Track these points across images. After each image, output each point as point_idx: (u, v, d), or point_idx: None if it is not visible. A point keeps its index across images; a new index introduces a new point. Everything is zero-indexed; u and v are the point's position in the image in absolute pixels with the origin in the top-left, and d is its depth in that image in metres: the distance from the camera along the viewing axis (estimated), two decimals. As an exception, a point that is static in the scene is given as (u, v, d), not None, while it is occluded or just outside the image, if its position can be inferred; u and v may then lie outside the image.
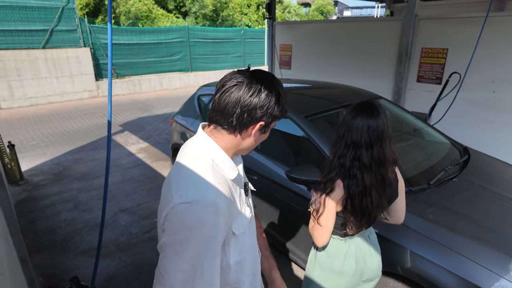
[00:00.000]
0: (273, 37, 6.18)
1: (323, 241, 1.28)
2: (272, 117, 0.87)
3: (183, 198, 0.77)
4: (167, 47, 11.47)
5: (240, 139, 0.90)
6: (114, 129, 6.63)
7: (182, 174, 0.84)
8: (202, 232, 0.76)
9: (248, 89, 0.83)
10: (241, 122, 0.85)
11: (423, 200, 1.89)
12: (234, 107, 0.83)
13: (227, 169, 0.89)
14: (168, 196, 0.82)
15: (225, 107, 0.84)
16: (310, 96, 3.06)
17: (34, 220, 3.34)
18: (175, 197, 0.78)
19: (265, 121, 0.87)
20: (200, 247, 0.76)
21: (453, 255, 1.53)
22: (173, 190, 0.81)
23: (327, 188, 1.25)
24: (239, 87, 0.83)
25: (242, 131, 0.88)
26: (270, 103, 0.85)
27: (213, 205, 0.78)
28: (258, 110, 0.84)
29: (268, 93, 0.84)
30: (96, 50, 9.80)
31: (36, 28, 8.55)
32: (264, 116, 0.86)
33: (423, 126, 2.81)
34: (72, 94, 9.43)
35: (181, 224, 0.76)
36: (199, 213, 0.76)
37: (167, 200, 0.81)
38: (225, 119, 0.85)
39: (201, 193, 0.78)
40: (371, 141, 1.20)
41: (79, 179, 4.28)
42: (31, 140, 5.90)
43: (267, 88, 0.84)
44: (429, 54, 4.06)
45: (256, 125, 0.87)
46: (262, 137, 0.94)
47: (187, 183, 0.80)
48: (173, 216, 0.77)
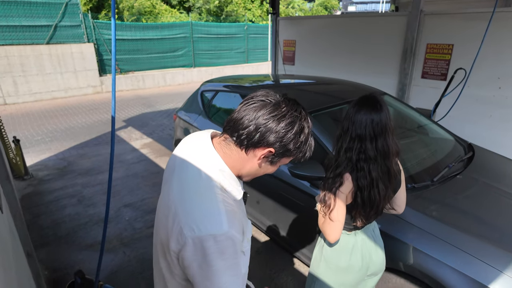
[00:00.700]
0: (276, 33, 6.15)
1: (335, 236, 1.28)
2: (284, 149, 0.82)
3: (196, 232, 0.75)
4: (171, 42, 11.45)
5: (245, 158, 0.84)
6: (118, 124, 6.66)
7: (190, 202, 0.80)
8: (225, 262, 0.77)
9: (272, 110, 0.79)
10: (250, 139, 0.80)
11: (427, 197, 1.88)
12: (251, 121, 0.79)
13: (234, 191, 0.86)
14: (175, 227, 0.79)
15: (242, 118, 0.81)
16: (314, 92, 3.04)
17: (39, 215, 3.37)
18: (186, 231, 0.76)
19: (275, 149, 0.81)
20: (227, 276, 0.78)
21: (455, 251, 1.53)
22: (181, 222, 0.78)
23: (336, 183, 1.26)
24: (264, 104, 0.80)
25: (249, 150, 0.83)
26: (287, 133, 0.80)
27: (230, 237, 0.77)
28: (272, 134, 0.79)
29: (290, 123, 0.80)
30: (99, 46, 9.82)
31: (40, 24, 8.57)
32: (276, 143, 0.80)
33: (427, 123, 2.79)
34: (76, 90, 9.47)
35: (204, 261, 0.76)
36: (219, 246, 0.75)
37: (175, 231, 0.78)
38: (237, 131, 0.81)
39: (216, 227, 0.76)
40: (375, 134, 1.22)
41: (83, 174, 4.31)
42: (35, 135, 5.94)
43: (292, 118, 0.80)
44: (434, 50, 4.02)
45: (265, 150, 0.82)
46: (268, 168, 0.89)
47: (199, 216, 0.77)
48: (189, 252, 0.76)
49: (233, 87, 3.21)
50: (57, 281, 2.47)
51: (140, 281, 2.47)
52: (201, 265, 0.76)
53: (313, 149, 0.88)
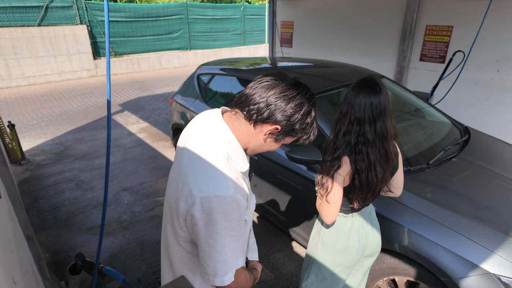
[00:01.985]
0: (274, 14, 6.02)
1: (332, 217, 1.30)
2: (290, 128, 0.87)
3: (204, 193, 0.80)
4: (166, 24, 11.19)
5: (252, 132, 0.89)
6: (114, 108, 6.60)
7: (199, 166, 0.85)
8: (229, 224, 0.83)
9: (283, 91, 0.84)
10: (260, 114, 0.85)
11: (422, 180, 1.90)
12: (262, 98, 0.84)
13: (240, 162, 0.91)
14: (184, 188, 0.84)
15: (254, 94, 0.85)
16: (312, 75, 3.01)
17: (37, 199, 3.39)
18: (195, 191, 0.81)
19: (282, 127, 0.86)
20: (230, 237, 0.84)
21: (449, 232, 1.57)
22: (190, 183, 0.83)
23: (334, 166, 1.27)
24: (276, 84, 0.85)
25: (257, 124, 0.87)
26: (295, 114, 0.85)
27: (235, 200, 0.82)
28: (280, 113, 0.84)
29: (299, 104, 0.85)
30: (93, 28, 9.59)
31: (30, 5, 8.33)
32: (283, 121, 0.85)
33: (424, 106, 2.79)
34: (70, 73, 9.31)
35: (209, 220, 0.81)
36: (225, 208, 0.81)
37: (185, 193, 0.83)
38: (248, 106, 0.86)
39: (223, 189, 0.81)
40: (374, 117, 1.22)
41: (80, 159, 4.31)
42: (31, 120, 5.89)
43: (301, 100, 0.85)
44: (433, 32, 3.96)
45: (272, 126, 0.86)
46: (272, 145, 0.94)
47: (207, 178, 0.82)
48: (197, 211, 0.81)
49: (230, 70, 3.17)
50: (58, 264, 2.51)
51: (140, 262, 2.51)
52: (206, 224, 0.81)
53: (315, 134, 0.92)
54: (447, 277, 1.50)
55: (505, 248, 1.48)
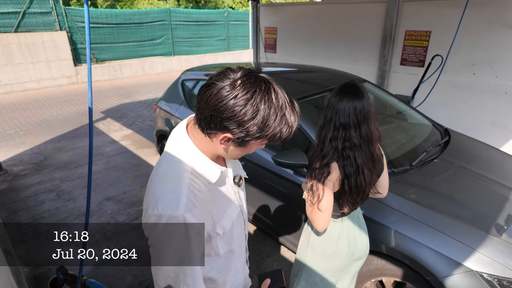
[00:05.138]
0: (257, 20, 6.06)
1: (324, 224, 1.30)
2: (246, 133, 0.72)
3: (154, 210, 0.77)
4: (148, 30, 11.07)
5: (210, 142, 0.80)
6: (96, 116, 6.44)
7: (157, 183, 0.83)
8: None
9: (226, 93, 0.69)
10: (207, 124, 0.75)
11: (406, 181, 1.94)
12: (205, 104, 0.72)
13: (207, 174, 0.84)
14: (145, 201, 0.83)
15: (199, 102, 0.75)
16: (296, 80, 3.04)
17: (16, 211, 3.25)
18: (150, 209, 0.79)
19: (234, 134, 0.73)
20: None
21: (433, 232, 1.60)
22: (148, 197, 0.82)
23: (324, 173, 1.27)
24: (219, 87, 0.71)
25: (211, 135, 0.78)
26: (243, 117, 0.70)
27: (182, 219, 0.76)
28: (224, 120, 0.71)
29: (245, 105, 0.69)
30: (73, 34, 9.37)
31: (6, 11, 8.07)
32: (233, 129, 0.72)
33: (406, 109, 2.86)
34: (49, 81, 9.04)
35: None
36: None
37: (145, 205, 0.83)
38: (197, 115, 0.77)
39: (170, 207, 0.76)
40: (359, 121, 1.24)
41: (61, 168, 4.17)
42: (8, 129, 5.67)
43: (249, 98, 0.69)
44: (412, 37, 4.08)
45: (222, 135, 0.75)
46: (243, 150, 0.82)
47: (160, 195, 0.79)
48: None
49: (215, 75, 3.16)
50: (38, 278, 2.41)
51: (126, 273, 2.44)
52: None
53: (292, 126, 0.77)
54: (432, 276, 1.53)
55: (486, 246, 1.52)
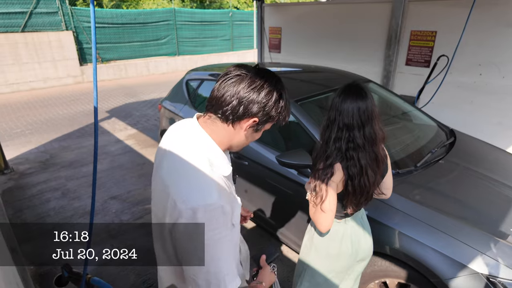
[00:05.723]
0: (262, 20, 6.06)
1: (328, 225, 1.29)
2: (267, 116, 0.87)
3: (188, 204, 0.78)
4: (153, 30, 11.12)
5: (232, 132, 0.88)
6: (101, 115, 6.49)
7: (180, 176, 0.83)
8: (217, 232, 0.80)
9: (250, 83, 0.83)
10: (235, 113, 0.84)
11: (410, 182, 1.93)
12: (232, 96, 0.83)
13: (222, 166, 0.89)
14: (168, 201, 0.81)
15: (223, 95, 0.84)
16: (300, 80, 3.04)
17: (22, 209, 3.29)
18: (179, 203, 0.79)
19: (259, 118, 0.86)
20: (217, 247, 0.81)
21: (438, 234, 1.59)
22: (174, 195, 0.81)
23: (327, 174, 1.26)
24: (241, 78, 0.83)
25: (235, 123, 0.86)
26: (268, 102, 0.85)
27: (220, 206, 0.79)
28: (255, 105, 0.84)
29: (269, 92, 0.85)
30: (79, 34, 9.45)
31: (14, 11, 8.16)
32: (260, 112, 0.85)
33: (411, 109, 2.84)
34: (55, 80, 9.12)
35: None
36: (210, 216, 0.78)
37: (169, 206, 0.81)
38: (221, 108, 0.84)
39: (206, 197, 0.79)
40: (363, 121, 1.24)
41: (66, 167, 4.21)
42: (14, 128, 5.73)
43: (270, 87, 0.85)
44: (418, 37, 4.06)
45: (250, 120, 0.86)
46: (254, 135, 0.94)
47: (189, 188, 0.80)
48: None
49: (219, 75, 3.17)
50: (44, 275, 2.43)
51: (129, 272, 2.46)
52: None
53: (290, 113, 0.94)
54: (436, 278, 1.51)
55: (492, 248, 1.50)
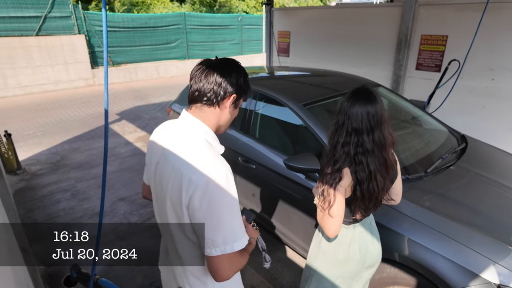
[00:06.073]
0: (271, 24, 6.08)
1: (335, 230, 1.28)
2: (241, 90, 1.06)
3: (202, 176, 0.90)
4: (163, 34, 11.27)
5: (219, 112, 1.05)
6: (111, 118, 6.58)
7: (190, 157, 0.95)
8: (229, 196, 0.93)
9: (220, 70, 1.01)
10: (218, 95, 1.01)
11: (420, 188, 1.90)
12: (211, 83, 1.00)
13: (217, 146, 1.05)
14: (183, 180, 0.92)
15: (203, 85, 1.01)
16: (309, 84, 3.03)
17: (33, 209, 3.34)
18: (194, 177, 0.91)
19: (236, 94, 1.04)
20: (232, 208, 0.94)
21: (448, 241, 1.56)
22: (187, 173, 0.92)
23: (335, 178, 1.25)
24: (212, 69, 1.01)
25: (220, 104, 1.03)
26: (238, 79, 1.04)
27: (228, 173, 0.94)
28: (229, 85, 1.02)
29: (236, 72, 1.04)
30: (91, 38, 9.63)
31: (28, 15, 8.36)
32: (235, 88, 1.03)
33: (421, 114, 2.81)
34: (67, 83, 9.30)
35: (212, 197, 0.90)
36: (222, 183, 0.91)
37: (185, 183, 0.92)
38: (205, 95, 1.01)
39: (217, 168, 0.92)
40: (372, 126, 1.22)
41: (77, 168, 4.27)
42: (27, 129, 5.85)
43: (235, 70, 1.04)
44: (428, 41, 4.02)
45: (230, 97, 1.04)
46: (234, 112, 1.11)
47: (200, 163, 0.93)
48: (199, 194, 0.90)
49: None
50: (52, 275, 2.46)
51: (136, 274, 2.47)
52: (210, 202, 0.90)
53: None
54: (447, 286, 1.48)
55: (505, 257, 1.47)
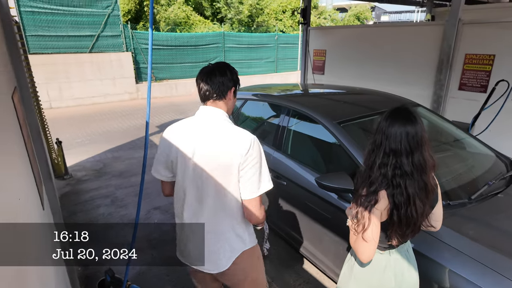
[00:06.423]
0: (307, 43, 6.15)
1: (369, 255, 1.23)
2: (236, 83, 1.49)
3: (244, 142, 1.32)
4: (203, 52, 11.80)
5: (226, 102, 1.46)
6: (151, 130, 6.92)
7: (227, 133, 1.36)
8: (262, 152, 1.38)
9: (219, 72, 1.43)
10: (222, 90, 1.42)
11: (463, 215, 1.78)
12: (217, 83, 1.41)
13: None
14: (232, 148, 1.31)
15: (210, 86, 1.41)
16: (344, 101, 3.00)
17: (75, 213, 3.56)
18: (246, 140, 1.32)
19: (234, 86, 1.48)
20: (264, 161, 1.39)
21: (494, 275, 1.43)
22: (237, 140, 1.33)
23: (371, 201, 1.20)
24: (213, 72, 1.42)
25: (226, 96, 1.45)
26: (233, 75, 1.47)
27: (255, 137, 1.36)
28: (228, 81, 1.44)
29: (230, 72, 1.47)
30: (137, 55, 10.33)
31: (84, 34, 9.19)
32: (233, 83, 1.47)
33: (464, 137, 2.65)
34: (113, 96, 9.98)
35: (259, 150, 1.36)
36: (255, 144, 1.34)
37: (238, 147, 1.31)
38: (214, 92, 1.41)
39: (248, 136, 1.35)
40: (411, 148, 1.17)
41: (117, 176, 4.51)
42: (76, 138, 6.32)
43: (228, 69, 1.47)
44: (473, 60, 3.82)
45: (232, 90, 1.47)
46: (234, 99, 1.53)
47: (237, 135, 1.35)
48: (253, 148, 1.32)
49: (262, 95, 3.24)
50: (88, 277, 2.58)
51: (166, 283, 2.52)
52: (258, 154, 1.35)
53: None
54: (492, 325, 1.35)
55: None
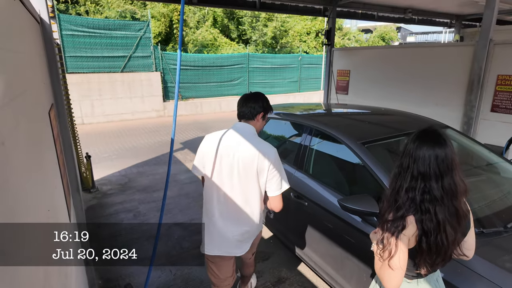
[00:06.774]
0: (330, 63, 6.18)
1: (396, 284, 1.15)
2: (265, 110, 1.86)
3: (269, 152, 1.73)
4: (228, 72, 12.13)
5: (255, 123, 1.85)
6: (175, 146, 7.08)
7: (257, 143, 1.75)
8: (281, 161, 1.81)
9: (253, 99, 1.83)
10: (254, 114, 1.83)
11: (498, 245, 1.66)
12: (249, 107, 1.82)
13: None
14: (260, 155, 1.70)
15: (245, 110, 1.83)
16: (368, 122, 2.95)
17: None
18: (266, 153, 1.72)
19: (263, 112, 1.85)
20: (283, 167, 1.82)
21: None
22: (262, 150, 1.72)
23: (398, 226, 1.14)
24: (248, 99, 1.84)
25: (255, 118, 1.84)
26: (263, 103, 1.85)
27: (276, 150, 1.78)
28: (259, 107, 1.83)
29: (262, 100, 1.85)
30: (165, 74, 10.77)
31: (117, 55, 9.74)
32: (262, 109, 1.84)
33: (498, 161, 2.51)
34: (141, 113, 10.39)
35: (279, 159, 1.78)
36: (277, 155, 1.76)
37: (265, 156, 1.71)
38: (248, 114, 1.83)
39: (272, 148, 1.77)
40: (441, 171, 1.11)
41: (141, 191, 4.62)
42: (104, 153, 6.58)
43: (261, 98, 1.85)
44: (506, 81, 3.67)
45: (260, 114, 1.84)
46: (263, 122, 1.91)
47: (264, 146, 1.75)
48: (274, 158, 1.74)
49: (284, 114, 3.26)
50: (108, 291, 2.60)
51: (183, 301, 2.49)
52: (278, 161, 1.76)
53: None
54: None
55: None
